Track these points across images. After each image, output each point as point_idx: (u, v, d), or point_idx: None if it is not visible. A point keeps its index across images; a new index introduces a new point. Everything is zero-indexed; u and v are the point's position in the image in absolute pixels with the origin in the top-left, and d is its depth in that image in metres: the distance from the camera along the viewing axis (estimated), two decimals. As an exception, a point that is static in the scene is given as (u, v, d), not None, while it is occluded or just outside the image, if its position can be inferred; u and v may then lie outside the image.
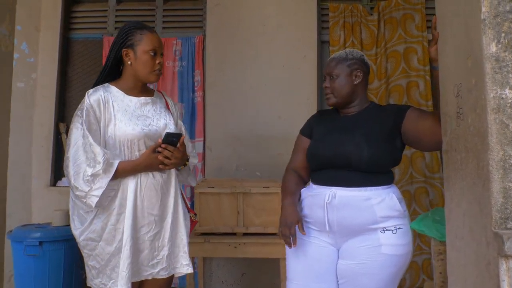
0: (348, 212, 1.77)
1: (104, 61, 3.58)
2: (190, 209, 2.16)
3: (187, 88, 3.69)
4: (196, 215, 2.20)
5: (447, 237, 1.50)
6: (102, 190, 1.81)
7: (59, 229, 3.01)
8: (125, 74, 2.01)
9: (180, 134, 1.96)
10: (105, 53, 3.68)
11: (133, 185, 1.89)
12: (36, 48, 3.73)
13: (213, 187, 2.93)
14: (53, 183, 3.71)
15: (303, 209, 1.92)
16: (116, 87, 1.99)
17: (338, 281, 1.83)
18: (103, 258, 1.88)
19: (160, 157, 1.90)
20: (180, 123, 2.17)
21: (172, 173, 2.01)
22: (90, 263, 1.91)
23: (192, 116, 3.66)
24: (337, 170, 1.82)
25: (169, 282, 2.03)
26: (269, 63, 3.60)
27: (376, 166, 1.79)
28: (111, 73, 2.03)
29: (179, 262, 2.01)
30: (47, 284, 2.95)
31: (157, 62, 1.97)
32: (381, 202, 1.76)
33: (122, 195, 1.89)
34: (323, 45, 3.72)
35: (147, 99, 2.02)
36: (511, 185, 1.09)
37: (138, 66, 1.96)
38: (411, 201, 3.40)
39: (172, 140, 1.92)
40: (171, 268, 1.99)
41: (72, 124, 1.91)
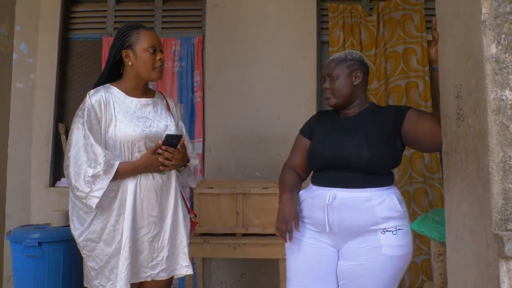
0: (348, 213, 1.77)
1: (103, 63, 3.62)
2: (190, 210, 2.16)
3: (186, 88, 3.68)
4: (196, 216, 2.20)
5: (447, 238, 1.50)
6: (102, 191, 1.81)
7: (58, 230, 3.00)
8: (126, 75, 2.01)
9: (180, 135, 1.96)
10: (104, 53, 3.67)
11: (132, 186, 1.89)
12: (35, 48, 3.72)
13: (212, 188, 2.93)
14: (52, 183, 3.70)
15: (302, 210, 1.93)
16: (117, 88, 1.99)
17: (338, 282, 1.83)
18: (102, 259, 1.88)
19: (160, 159, 1.90)
20: (181, 124, 2.17)
21: (172, 175, 2.01)
22: (89, 264, 1.91)
23: (191, 116, 3.65)
24: (337, 171, 1.82)
25: (169, 283, 2.03)
26: (268, 64, 3.59)
27: (376, 167, 1.79)
28: (110, 75, 2.02)
29: (179, 263, 2.00)
30: (46, 284, 2.94)
31: (158, 58, 1.97)
32: (382, 203, 1.76)
33: (121, 196, 1.89)
34: (322, 46, 3.72)
35: (148, 101, 2.02)
36: (511, 186, 1.09)
37: (139, 65, 1.95)
38: (410, 202, 3.41)
39: (172, 141, 1.91)
40: (170, 269, 1.98)
41: (73, 124, 1.91)
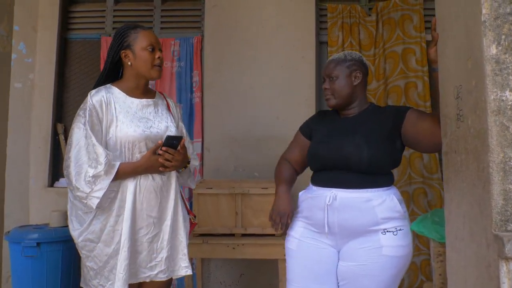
0: (349, 213, 1.77)
1: (102, 63, 3.61)
2: (189, 211, 2.16)
3: (185, 88, 3.68)
4: (195, 217, 2.19)
5: (447, 238, 1.50)
6: (103, 191, 1.81)
7: (57, 230, 2.99)
8: (126, 75, 2.01)
9: (181, 136, 1.96)
10: (103, 53, 3.67)
11: (132, 187, 1.89)
12: (33, 48, 3.71)
13: (211, 188, 2.93)
14: (51, 183, 3.69)
15: (302, 211, 1.93)
16: (118, 88, 1.99)
17: (338, 283, 1.83)
18: (101, 259, 1.88)
19: (160, 160, 1.89)
20: (181, 125, 2.17)
21: (172, 175, 2.00)
22: (88, 264, 1.91)
23: (190, 117, 3.65)
24: (337, 171, 1.82)
25: (168, 284, 2.03)
26: (267, 64, 3.59)
27: (376, 167, 1.80)
28: (110, 76, 2.02)
29: (178, 264, 2.00)
30: (44, 285, 2.94)
31: (157, 56, 1.97)
32: (382, 203, 1.77)
33: (121, 197, 1.89)
34: (321, 46, 3.72)
35: (149, 101, 2.02)
36: (511, 187, 1.09)
37: (138, 64, 1.96)
38: (410, 202, 3.41)
39: (172, 143, 1.91)
40: (170, 270, 1.98)
41: (73, 124, 1.91)
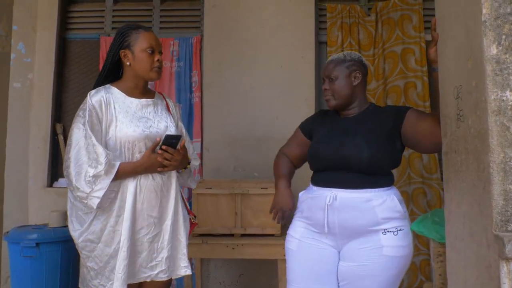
0: (349, 213, 1.77)
1: (101, 63, 3.61)
2: (190, 211, 2.16)
3: (184, 88, 3.68)
4: (195, 217, 2.19)
5: (447, 238, 1.50)
6: (103, 191, 1.81)
7: (56, 230, 2.99)
8: (125, 75, 2.01)
9: (179, 136, 1.95)
10: (102, 53, 3.67)
11: (132, 187, 1.89)
12: (32, 48, 3.71)
13: (211, 188, 2.93)
14: (50, 184, 3.68)
15: (302, 211, 1.92)
16: (117, 88, 1.99)
17: (339, 283, 1.83)
18: (102, 259, 1.88)
19: (159, 159, 1.89)
20: (180, 124, 2.17)
21: (172, 175, 2.00)
22: (88, 265, 1.90)
23: (189, 117, 3.65)
24: (337, 171, 1.82)
25: (168, 284, 2.03)
26: (266, 64, 3.58)
27: (376, 167, 1.80)
28: (109, 76, 2.02)
29: (178, 264, 2.00)
30: (43, 285, 2.93)
31: (156, 59, 1.97)
32: (382, 203, 1.77)
33: (121, 197, 1.89)
34: (320, 46, 3.72)
35: (148, 101, 2.02)
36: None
37: (137, 65, 1.96)
38: (409, 202, 3.41)
39: (172, 142, 1.91)
40: (170, 270, 1.98)
41: (73, 124, 1.91)
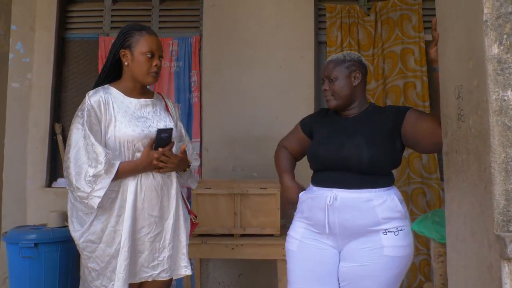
0: (350, 213, 1.76)
1: (100, 63, 3.60)
2: (191, 211, 2.16)
3: (183, 88, 3.67)
4: (196, 217, 2.19)
5: (448, 238, 1.50)
6: (104, 190, 1.80)
7: (55, 231, 2.98)
8: (124, 75, 2.01)
9: (171, 128, 1.94)
10: (101, 53, 3.66)
11: (133, 187, 1.88)
12: (31, 48, 3.69)
13: (210, 188, 2.92)
14: (49, 184, 3.67)
15: (303, 212, 1.92)
16: (116, 88, 1.98)
17: (339, 284, 1.82)
18: (103, 260, 1.87)
19: (155, 162, 1.89)
20: (180, 124, 2.17)
21: (173, 174, 2.00)
22: (90, 265, 1.90)
23: (188, 116, 3.64)
24: (337, 171, 1.82)
25: (169, 284, 2.02)
26: (266, 64, 3.58)
27: (376, 167, 1.79)
28: (110, 75, 2.02)
29: (178, 263, 2.00)
30: (42, 286, 2.92)
31: (154, 64, 1.96)
32: (383, 203, 1.76)
33: (122, 197, 1.89)
34: (320, 46, 3.72)
35: (147, 101, 2.02)
36: (513, 187, 1.09)
37: (134, 67, 1.95)
38: (408, 202, 3.40)
39: (164, 136, 1.90)
40: (171, 270, 1.98)
41: (72, 125, 1.90)
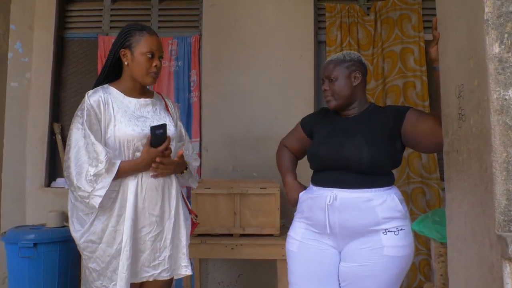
0: (350, 213, 1.76)
1: (99, 62, 3.59)
2: (191, 210, 2.15)
3: (183, 88, 3.67)
4: (196, 217, 2.18)
5: (448, 238, 1.49)
6: (105, 190, 1.80)
7: (54, 231, 2.98)
8: (124, 75, 2.01)
9: (164, 124, 1.92)
10: (100, 52, 3.66)
11: (133, 186, 1.88)
12: (30, 47, 3.68)
13: (209, 188, 2.92)
14: (48, 184, 3.66)
15: (303, 212, 1.91)
16: (115, 88, 1.98)
17: (340, 284, 1.82)
18: (104, 260, 1.87)
19: (154, 165, 1.88)
20: (179, 124, 2.16)
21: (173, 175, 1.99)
22: (90, 266, 1.89)
23: (188, 116, 3.64)
24: (337, 172, 1.81)
25: (170, 284, 2.02)
26: (265, 64, 3.58)
27: (376, 167, 1.78)
28: (110, 74, 2.02)
29: (178, 263, 2.00)
30: (41, 285, 2.92)
31: (154, 64, 1.96)
32: (383, 203, 1.76)
33: (122, 196, 1.88)
34: (319, 46, 3.71)
35: (147, 101, 2.01)
36: (514, 187, 1.08)
37: (134, 67, 1.95)
38: (408, 202, 3.40)
39: (159, 132, 1.89)
40: (172, 269, 1.98)
41: (72, 125, 1.90)
